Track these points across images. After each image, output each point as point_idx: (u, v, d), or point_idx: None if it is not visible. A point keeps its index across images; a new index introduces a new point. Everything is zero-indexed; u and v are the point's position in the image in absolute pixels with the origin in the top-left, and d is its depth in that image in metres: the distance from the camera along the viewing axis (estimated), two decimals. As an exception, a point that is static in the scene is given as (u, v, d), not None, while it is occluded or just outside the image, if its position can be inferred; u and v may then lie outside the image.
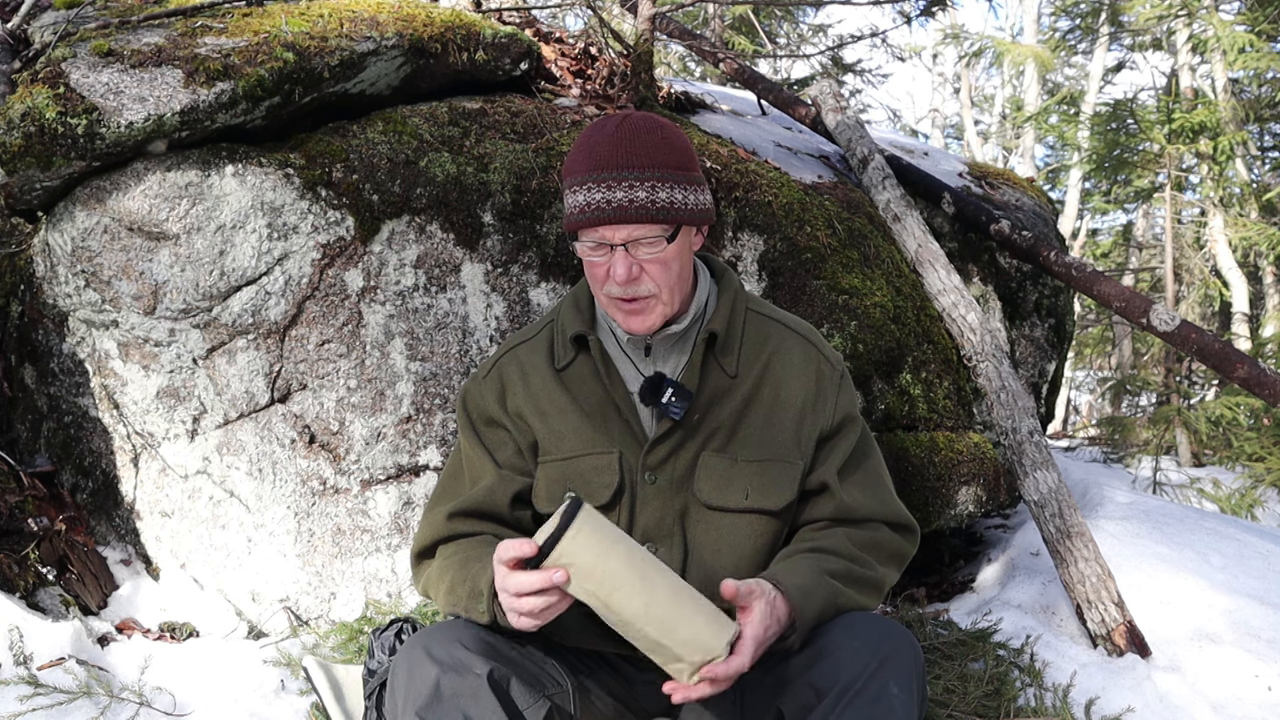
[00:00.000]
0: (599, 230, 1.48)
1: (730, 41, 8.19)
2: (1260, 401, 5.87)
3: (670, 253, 1.51)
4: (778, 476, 1.56)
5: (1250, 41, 7.50)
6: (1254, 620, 2.37)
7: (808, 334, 1.67)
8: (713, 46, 4.45)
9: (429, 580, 1.58)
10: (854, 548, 1.55)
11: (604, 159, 1.48)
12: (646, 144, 1.50)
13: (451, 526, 1.58)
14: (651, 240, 1.48)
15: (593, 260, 1.52)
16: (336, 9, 2.57)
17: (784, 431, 1.57)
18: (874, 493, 1.62)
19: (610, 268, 1.49)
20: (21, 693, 1.82)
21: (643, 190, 1.47)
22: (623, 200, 1.46)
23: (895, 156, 3.50)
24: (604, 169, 1.48)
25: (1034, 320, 3.56)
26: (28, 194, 2.25)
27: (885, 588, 1.58)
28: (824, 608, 1.44)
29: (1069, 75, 15.30)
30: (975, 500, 2.89)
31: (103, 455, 2.43)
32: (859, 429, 1.64)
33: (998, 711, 2.04)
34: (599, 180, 1.47)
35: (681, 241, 1.53)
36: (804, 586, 1.44)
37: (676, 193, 1.50)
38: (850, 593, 1.49)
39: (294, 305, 2.29)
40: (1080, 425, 10.86)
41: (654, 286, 1.50)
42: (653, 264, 1.49)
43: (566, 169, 1.54)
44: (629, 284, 1.49)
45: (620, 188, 1.46)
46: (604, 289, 1.52)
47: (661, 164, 1.49)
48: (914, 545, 1.65)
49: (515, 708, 1.33)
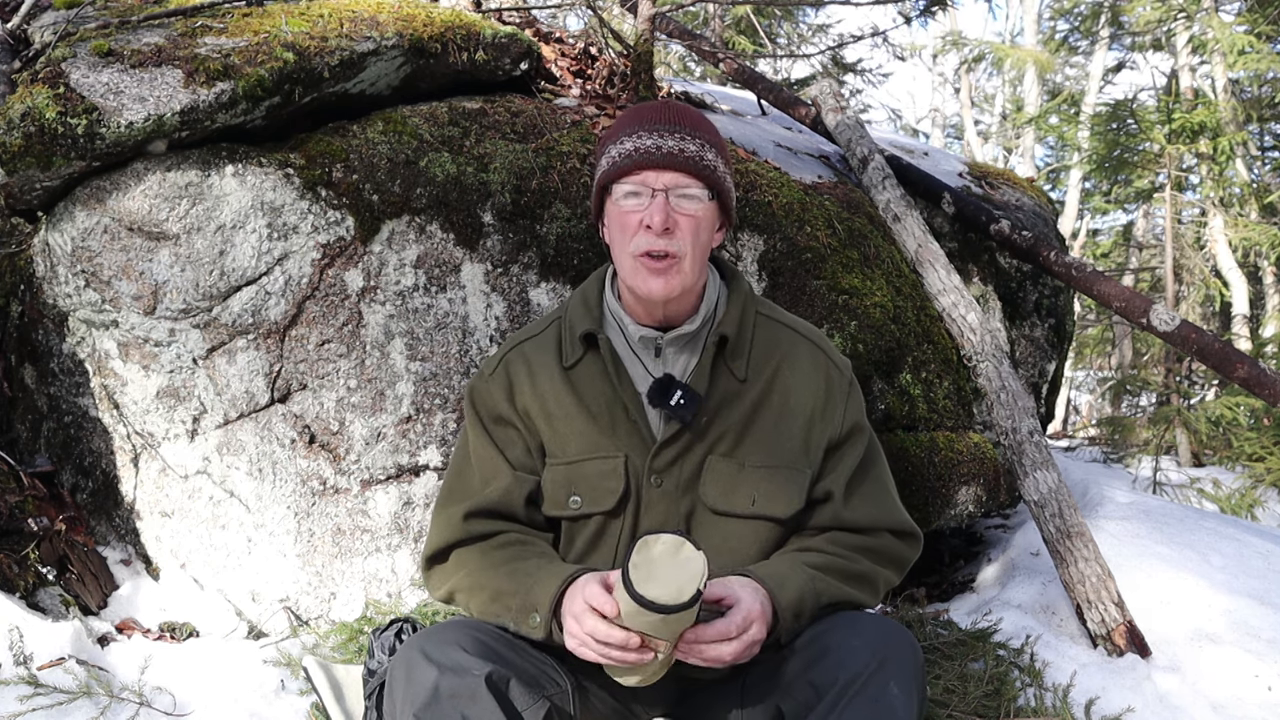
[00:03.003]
0: (644, 174, 1.49)
1: (730, 41, 8.19)
2: (1260, 401, 5.86)
3: (705, 216, 1.52)
4: (785, 483, 1.55)
5: (1250, 43, 7.50)
6: (1254, 620, 2.37)
7: (817, 340, 1.66)
8: (713, 46, 4.45)
9: (458, 585, 1.55)
10: (840, 548, 1.54)
11: (655, 118, 1.52)
12: (695, 116, 1.55)
13: (468, 528, 1.56)
14: (693, 194, 1.50)
15: (627, 209, 1.51)
16: (336, 9, 2.57)
17: (792, 438, 1.57)
18: (878, 502, 1.61)
19: (646, 216, 1.48)
20: (21, 693, 1.82)
21: (693, 145, 1.50)
22: (673, 148, 1.48)
23: (895, 156, 3.50)
24: (656, 123, 1.51)
25: (1034, 320, 3.56)
26: (28, 194, 2.25)
27: (880, 585, 1.57)
28: (802, 594, 1.43)
29: (1069, 76, 15.30)
30: (975, 500, 2.89)
31: (103, 455, 2.43)
32: (867, 437, 1.63)
33: (998, 711, 2.04)
34: (650, 129, 1.50)
35: (713, 214, 1.54)
36: (777, 574, 1.44)
37: (720, 162, 1.54)
38: (831, 580, 1.48)
39: (294, 305, 2.29)
40: (1080, 425, 10.85)
41: (683, 245, 1.49)
42: (687, 220, 1.49)
43: (608, 135, 1.56)
44: (663, 234, 1.48)
45: (672, 137, 1.50)
46: (632, 243, 1.50)
47: (709, 134, 1.54)
48: (916, 551, 1.64)
49: (514, 709, 1.33)
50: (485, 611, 1.50)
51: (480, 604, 1.51)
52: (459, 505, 1.58)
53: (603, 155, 1.56)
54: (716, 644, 1.34)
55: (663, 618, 1.25)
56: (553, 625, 1.39)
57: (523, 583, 1.44)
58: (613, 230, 1.55)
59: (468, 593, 1.53)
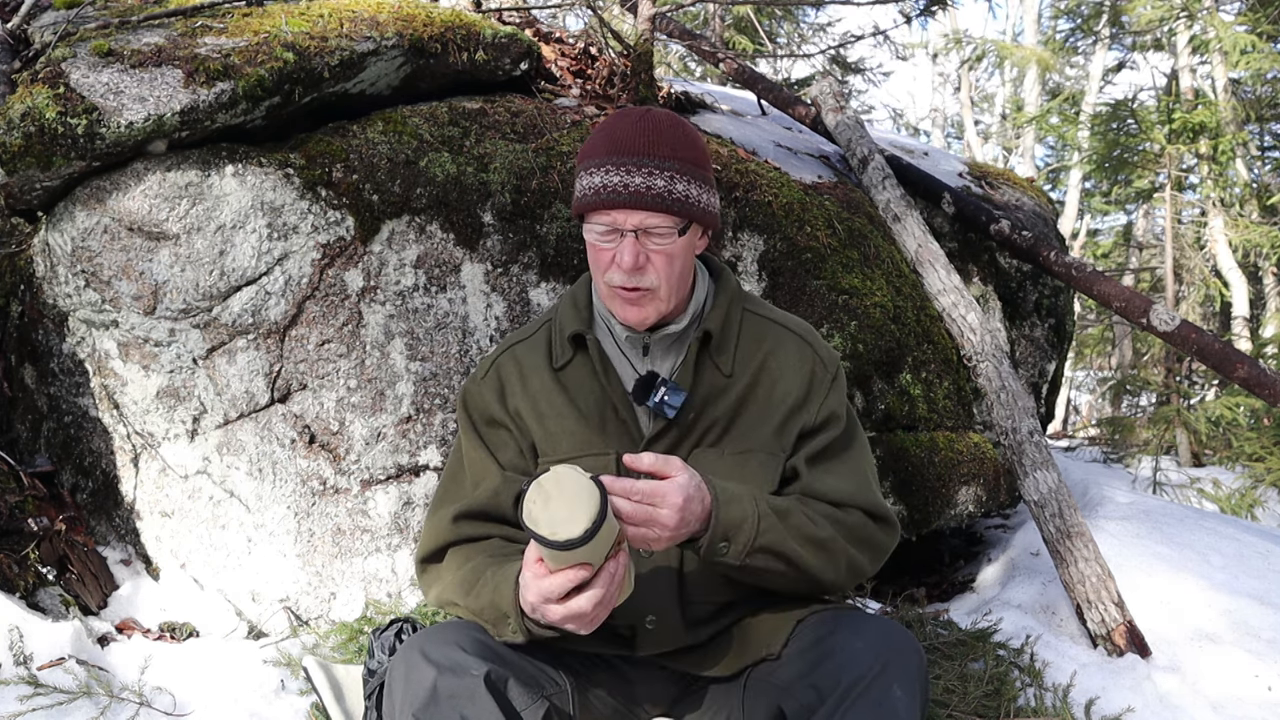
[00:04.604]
0: (612, 214, 1.48)
1: (730, 41, 8.19)
2: (1260, 401, 5.86)
3: (677, 248, 1.51)
4: (760, 467, 1.55)
5: (1251, 42, 7.50)
6: (1254, 620, 2.37)
7: (805, 334, 1.66)
8: (713, 46, 4.45)
9: (445, 591, 1.55)
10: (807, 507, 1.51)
11: (625, 144, 1.49)
12: (669, 137, 1.51)
13: (458, 530, 1.57)
14: (663, 231, 1.49)
15: (599, 245, 1.51)
16: (336, 9, 2.57)
17: (771, 425, 1.57)
18: (849, 480, 1.58)
19: (617, 254, 1.49)
20: (21, 693, 1.82)
21: (661, 179, 1.48)
22: (640, 186, 1.46)
23: (895, 156, 3.50)
24: (624, 154, 1.48)
25: (1034, 320, 3.56)
26: (28, 194, 2.25)
27: (841, 562, 1.52)
28: (743, 521, 1.41)
29: (1070, 75, 15.30)
30: (975, 500, 2.90)
31: (103, 455, 2.43)
32: (843, 425, 1.63)
33: (998, 711, 2.04)
34: (618, 164, 1.48)
35: (689, 239, 1.53)
36: (732, 493, 1.42)
37: (693, 188, 1.51)
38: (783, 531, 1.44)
39: (294, 305, 2.29)
40: (1080, 425, 10.85)
41: (656, 280, 1.50)
42: (659, 256, 1.49)
43: (584, 153, 1.55)
44: (634, 273, 1.48)
45: (639, 174, 1.47)
46: (606, 276, 1.52)
47: (682, 158, 1.51)
48: (891, 538, 1.60)
49: (513, 709, 1.33)
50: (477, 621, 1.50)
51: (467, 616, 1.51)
52: (450, 507, 1.59)
53: (577, 175, 1.55)
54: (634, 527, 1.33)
55: (584, 548, 1.24)
56: (526, 624, 1.38)
57: (489, 598, 1.44)
58: (589, 256, 1.56)
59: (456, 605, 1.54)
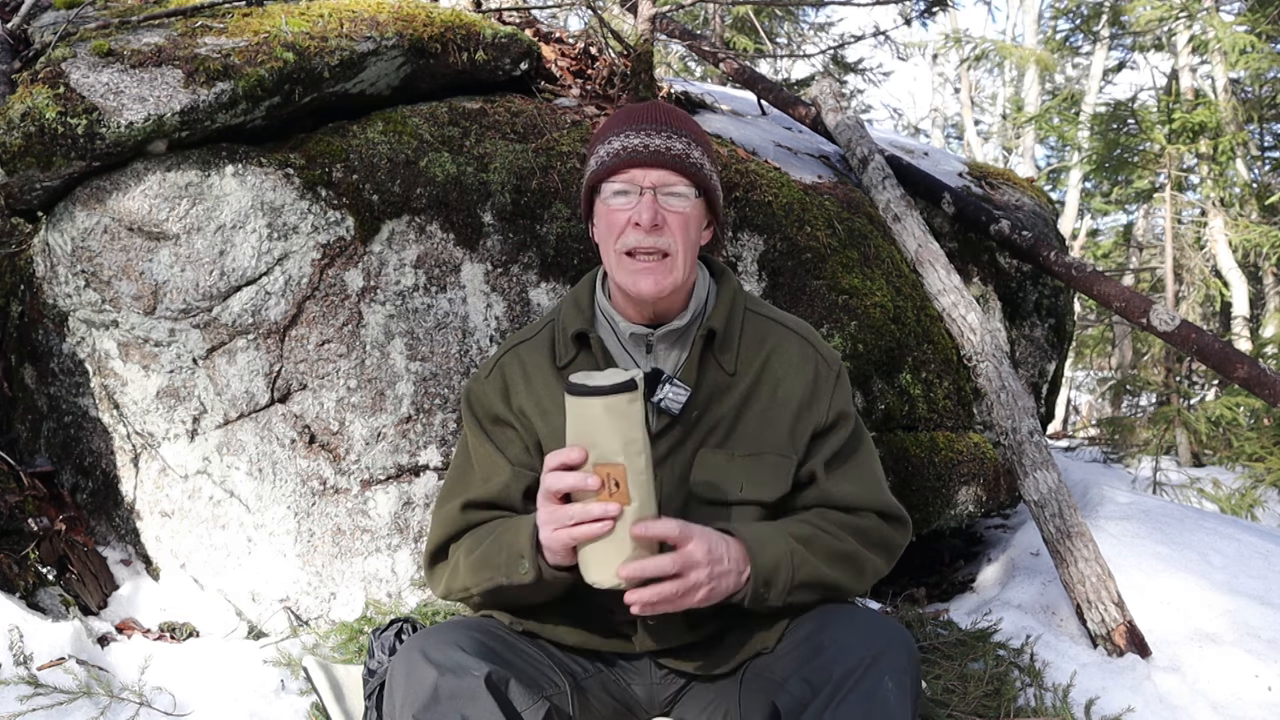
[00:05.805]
0: (631, 172, 1.50)
1: (730, 41, 8.19)
2: (1260, 401, 5.86)
3: (693, 213, 1.53)
4: (772, 470, 1.56)
5: (1251, 43, 7.50)
6: (1254, 620, 2.37)
7: (805, 333, 1.67)
8: (713, 46, 4.45)
9: (453, 568, 1.56)
10: (827, 523, 1.54)
11: (642, 118, 1.54)
12: (681, 116, 1.57)
13: (467, 518, 1.58)
14: (681, 191, 1.51)
15: (616, 207, 1.52)
16: (336, 9, 2.57)
17: (779, 427, 1.58)
18: (863, 482, 1.61)
19: (634, 213, 1.50)
20: (21, 693, 1.82)
21: (679, 143, 1.52)
22: (660, 145, 1.50)
23: (895, 156, 3.50)
24: (643, 122, 1.53)
25: (1034, 320, 3.56)
26: (28, 194, 2.25)
27: (866, 569, 1.55)
28: (778, 562, 1.43)
29: (1070, 75, 15.31)
30: (975, 500, 2.90)
31: (103, 455, 2.43)
32: (852, 425, 1.64)
33: (998, 711, 2.04)
34: (637, 129, 1.52)
35: (700, 212, 1.56)
36: (760, 537, 1.44)
37: (706, 161, 1.56)
38: (812, 558, 1.47)
39: (294, 305, 2.29)
40: (1080, 425, 10.85)
41: (672, 242, 1.50)
42: (676, 217, 1.51)
43: (597, 135, 1.58)
44: (651, 231, 1.49)
45: (659, 136, 1.52)
46: (620, 241, 1.51)
47: (695, 134, 1.56)
48: (904, 537, 1.63)
49: (513, 709, 1.33)
50: (478, 581, 1.50)
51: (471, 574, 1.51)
52: (459, 498, 1.60)
53: (591, 156, 1.58)
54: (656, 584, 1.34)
55: (604, 405, 1.28)
56: (539, 561, 1.40)
57: (506, 540, 1.47)
58: (601, 229, 1.57)
59: (461, 573, 1.54)
